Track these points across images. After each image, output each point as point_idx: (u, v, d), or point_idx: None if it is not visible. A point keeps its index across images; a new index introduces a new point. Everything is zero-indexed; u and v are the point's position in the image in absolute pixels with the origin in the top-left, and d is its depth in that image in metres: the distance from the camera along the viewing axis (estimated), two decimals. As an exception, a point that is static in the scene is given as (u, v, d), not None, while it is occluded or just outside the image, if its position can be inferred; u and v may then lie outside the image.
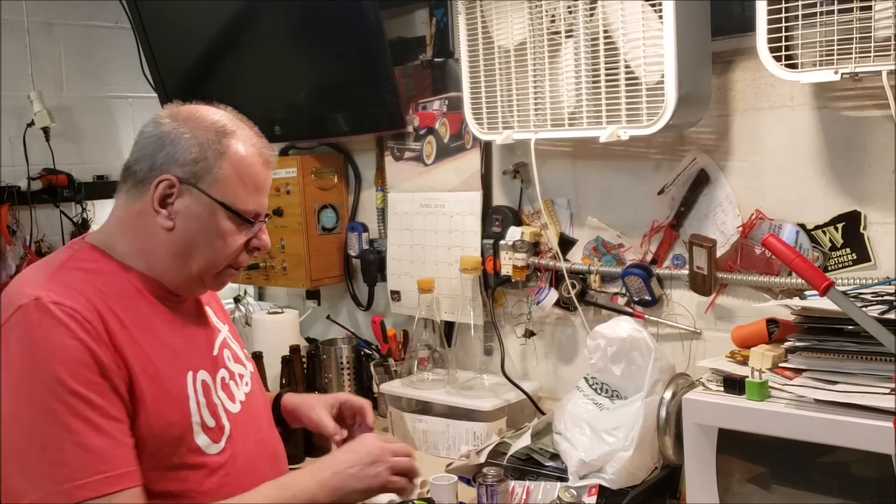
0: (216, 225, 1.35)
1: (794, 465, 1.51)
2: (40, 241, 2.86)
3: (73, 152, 2.96)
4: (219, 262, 1.39)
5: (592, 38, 1.81)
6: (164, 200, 1.34)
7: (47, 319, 1.20)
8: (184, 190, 1.34)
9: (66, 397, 1.18)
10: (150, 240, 1.36)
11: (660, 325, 2.02)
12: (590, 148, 2.07)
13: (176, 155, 1.34)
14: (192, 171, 1.34)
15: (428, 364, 2.32)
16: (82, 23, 3.01)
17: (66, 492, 1.16)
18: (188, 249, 1.36)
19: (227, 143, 1.36)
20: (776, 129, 1.82)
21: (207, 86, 2.73)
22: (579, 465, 1.73)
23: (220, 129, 1.36)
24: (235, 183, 1.35)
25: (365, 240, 2.67)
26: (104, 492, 1.17)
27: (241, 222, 1.37)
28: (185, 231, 1.35)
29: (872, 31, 1.47)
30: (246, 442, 1.41)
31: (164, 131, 1.36)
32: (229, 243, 1.37)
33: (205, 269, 1.38)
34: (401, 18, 2.49)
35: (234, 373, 1.47)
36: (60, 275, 1.29)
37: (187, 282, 1.39)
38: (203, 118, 1.37)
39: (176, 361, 1.34)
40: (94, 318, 1.23)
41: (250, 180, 1.37)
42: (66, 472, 1.16)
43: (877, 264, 1.70)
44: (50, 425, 1.17)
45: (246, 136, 1.39)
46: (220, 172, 1.34)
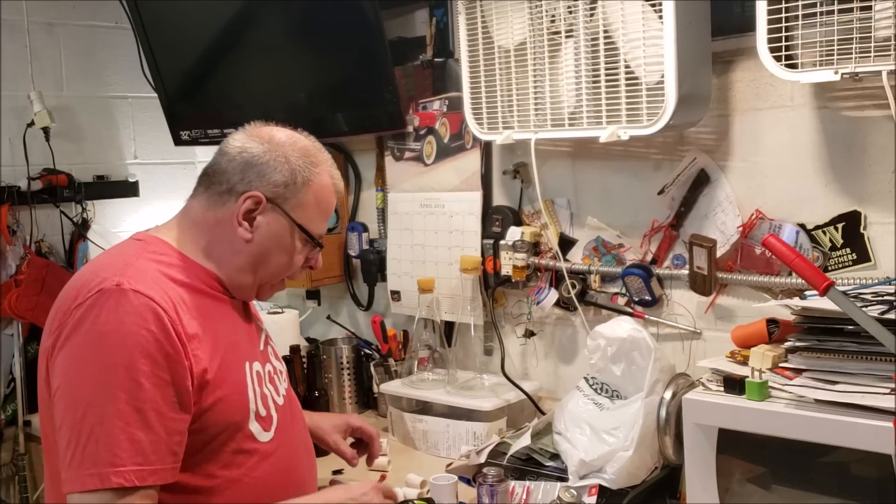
0: (290, 243, 1.47)
1: (794, 465, 1.51)
2: (40, 241, 2.86)
3: (73, 152, 2.96)
4: (280, 275, 1.51)
5: (592, 38, 1.81)
6: (248, 214, 1.43)
7: (126, 305, 1.26)
8: (268, 208, 1.43)
9: (128, 384, 1.23)
10: (224, 246, 1.45)
11: (660, 325, 2.02)
12: (590, 148, 2.07)
13: (267, 175, 1.43)
14: (279, 193, 1.43)
15: (428, 364, 2.32)
16: (82, 23, 3.01)
17: (103, 475, 1.22)
18: (259, 261, 1.46)
19: (314, 171, 1.46)
20: (776, 129, 1.82)
21: (208, 86, 2.73)
22: (579, 465, 1.73)
23: (309, 159, 1.47)
24: (314, 209, 1.47)
25: (365, 240, 2.67)
26: (134, 483, 1.23)
27: (310, 244, 1.49)
28: (260, 245, 1.44)
29: (872, 31, 1.47)
30: (290, 433, 1.49)
31: (257, 152, 1.44)
32: (296, 261, 1.49)
33: (267, 279, 1.50)
34: (401, 18, 2.49)
35: (277, 368, 1.56)
36: (139, 264, 1.35)
37: (245, 287, 1.48)
38: (295, 144, 1.47)
39: (236, 351, 1.42)
40: (170, 307, 1.30)
41: (325, 208, 1.50)
42: (108, 457, 1.22)
43: (877, 264, 1.70)
44: (107, 407, 1.23)
45: (328, 168, 1.50)
46: (304, 198, 1.45)
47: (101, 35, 3.04)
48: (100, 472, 1.22)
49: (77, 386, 1.25)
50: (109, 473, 1.21)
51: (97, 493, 1.22)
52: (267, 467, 1.41)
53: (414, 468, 2.02)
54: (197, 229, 1.45)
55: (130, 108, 3.14)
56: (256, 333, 1.55)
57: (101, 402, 1.23)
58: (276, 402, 1.48)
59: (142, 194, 3.11)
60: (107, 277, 1.29)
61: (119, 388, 1.23)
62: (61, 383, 1.27)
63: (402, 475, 1.98)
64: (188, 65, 2.74)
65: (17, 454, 2.81)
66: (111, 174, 3.07)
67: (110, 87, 3.08)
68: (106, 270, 1.31)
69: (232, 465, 1.36)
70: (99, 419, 1.22)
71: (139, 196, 3.11)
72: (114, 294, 1.27)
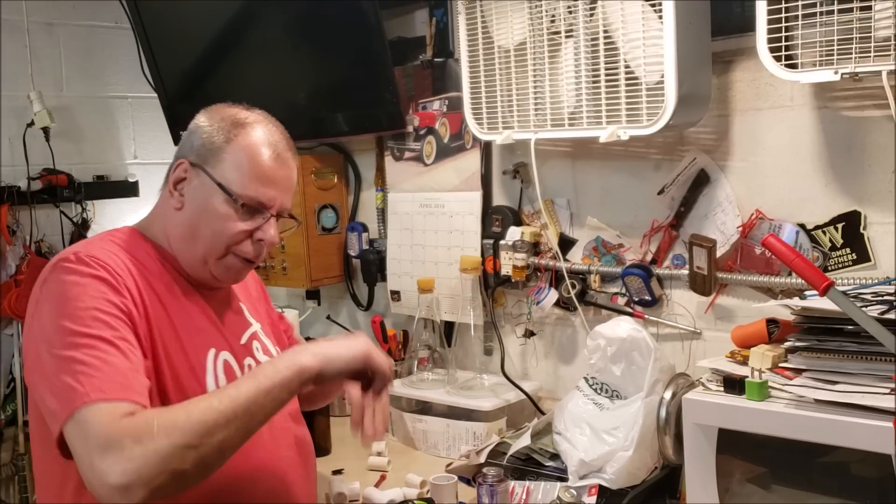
0: (215, 207, 1.41)
1: (794, 465, 1.51)
2: (40, 241, 2.86)
3: (73, 152, 2.96)
4: (218, 246, 1.42)
5: (592, 38, 1.81)
6: (178, 183, 1.43)
7: (82, 268, 1.30)
8: (193, 172, 1.42)
9: (98, 321, 1.25)
10: (168, 221, 1.45)
11: (660, 325, 2.02)
12: (590, 148, 2.07)
13: (193, 141, 1.44)
14: (201, 154, 1.42)
15: (428, 364, 2.32)
16: (82, 23, 3.00)
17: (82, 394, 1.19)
18: (192, 231, 1.43)
19: (237, 131, 1.42)
20: (776, 129, 1.82)
21: (207, 86, 2.73)
22: (579, 465, 1.73)
23: (236, 121, 1.44)
24: (237, 168, 1.40)
25: (365, 240, 2.67)
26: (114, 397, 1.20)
27: (238, 207, 1.41)
28: (190, 212, 1.42)
29: (872, 31, 1.47)
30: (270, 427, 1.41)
31: (192, 124, 1.47)
32: (227, 227, 1.41)
33: (206, 252, 1.43)
34: (401, 18, 2.49)
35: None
36: (99, 242, 1.40)
37: (195, 265, 1.45)
38: (225, 110, 1.46)
39: (199, 336, 1.41)
40: (125, 274, 1.33)
41: (254, 168, 1.41)
42: (82, 380, 1.20)
43: (877, 264, 1.70)
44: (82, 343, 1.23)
45: (262, 129, 1.44)
46: (225, 156, 1.41)
47: (101, 35, 3.04)
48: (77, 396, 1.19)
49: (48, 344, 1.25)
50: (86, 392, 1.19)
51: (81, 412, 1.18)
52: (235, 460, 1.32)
53: (414, 468, 2.02)
54: (155, 212, 1.50)
55: (130, 108, 3.14)
56: (238, 326, 1.52)
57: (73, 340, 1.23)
58: None
59: (142, 194, 3.11)
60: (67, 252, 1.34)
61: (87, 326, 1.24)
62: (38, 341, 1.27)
63: (402, 475, 1.98)
64: (188, 65, 2.74)
65: (17, 454, 2.81)
66: (111, 174, 3.07)
67: (110, 87, 3.08)
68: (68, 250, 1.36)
69: None
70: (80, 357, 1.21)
71: (139, 196, 3.11)
72: (72, 261, 1.31)
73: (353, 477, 1.97)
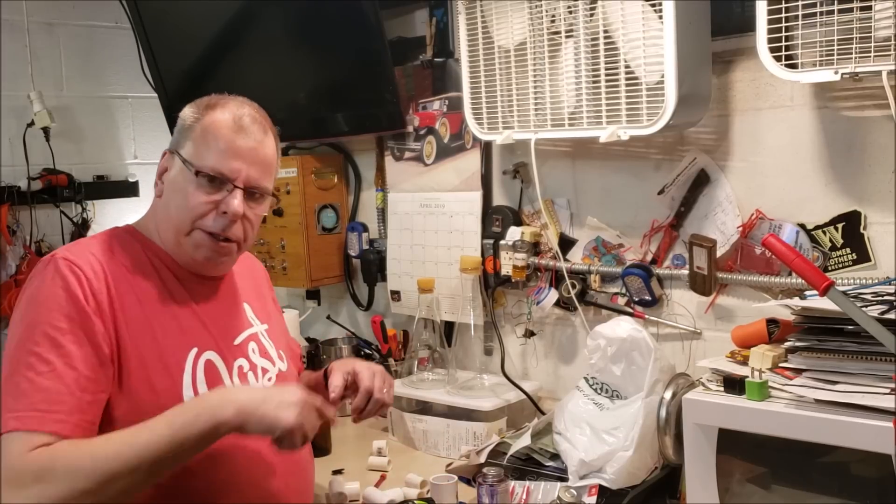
0: (179, 183, 1.43)
1: (794, 465, 1.51)
2: (40, 241, 2.86)
3: (73, 152, 2.96)
4: (184, 221, 1.42)
5: (592, 38, 1.81)
6: (163, 174, 1.47)
7: (53, 271, 1.34)
8: (170, 158, 1.46)
9: (40, 337, 1.29)
10: (155, 213, 1.49)
11: (660, 325, 2.02)
12: (590, 148, 2.07)
13: (174, 134, 1.48)
14: (176, 140, 1.47)
15: (428, 364, 2.32)
16: (82, 23, 3.00)
17: (5, 420, 1.24)
18: (166, 211, 1.45)
19: (207, 111, 1.45)
20: (776, 129, 1.82)
21: (207, 86, 2.70)
22: (579, 465, 1.73)
23: (208, 104, 1.46)
24: (200, 143, 1.42)
25: (365, 240, 2.67)
26: (31, 427, 1.23)
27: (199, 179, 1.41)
28: (166, 195, 1.46)
29: (872, 31, 1.47)
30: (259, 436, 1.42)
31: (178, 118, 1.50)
32: (189, 200, 1.41)
33: (177, 229, 1.43)
34: (401, 18, 2.49)
35: (257, 366, 1.52)
36: (86, 242, 1.42)
37: (175, 249, 1.46)
38: (204, 99, 1.48)
39: (181, 336, 1.41)
40: (95, 277, 1.34)
41: (214, 140, 1.41)
42: (11, 402, 1.26)
43: (877, 264, 1.70)
44: (22, 359, 1.28)
45: (230, 107, 1.44)
46: (192, 135, 1.44)
47: (101, 35, 3.04)
48: (3, 416, 1.24)
49: (7, 344, 1.32)
50: (9, 419, 1.24)
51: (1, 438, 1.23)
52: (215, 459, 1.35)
53: (414, 468, 2.02)
54: (149, 210, 1.52)
55: (130, 108, 3.14)
56: (233, 326, 1.52)
57: (18, 355, 1.28)
58: None
59: (142, 194, 3.11)
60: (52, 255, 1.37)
61: (35, 343, 1.28)
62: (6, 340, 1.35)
63: (402, 475, 1.98)
64: (188, 65, 2.74)
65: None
66: (111, 174, 3.07)
67: (110, 87, 3.08)
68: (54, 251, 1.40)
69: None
70: (14, 370, 1.27)
71: (139, 196, 3.11)
72: (48, 264, 1.35)
73: (353, 477, 1.97)
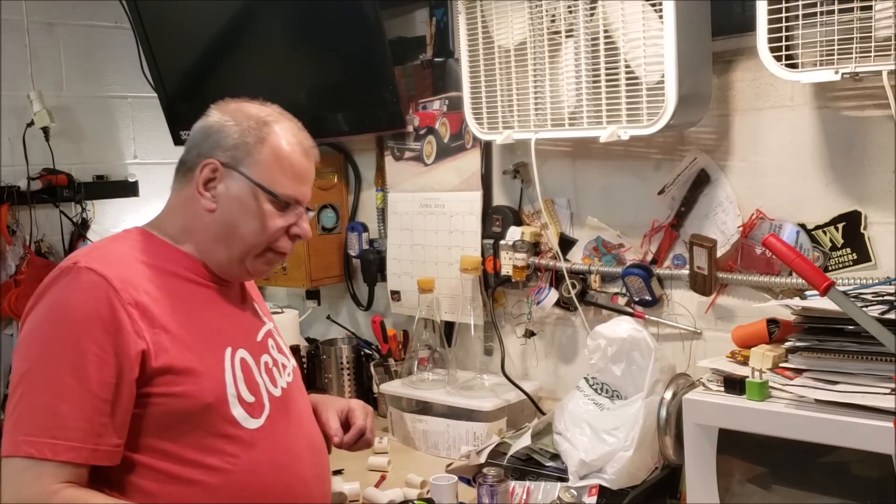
0: (255, 207, 1.42)
1: (794, 466, 1.51)
2: (40, 241, 2.85)
3: (73, 152, 2.96)
4: (258, 244, 1.45)
5: (592, 38, 1.81)
6: (207, 184, 1.42)
7: (77, 282, 1.28)
8: (225, 173, 1.42)
9: (65, 358, 1.24)
10: (196, 222, 1.44)
11: (660, 325, 2.02)
12: (590, 148, 2.07)
13: (220, 141, 1.42)
14: (233, 156, 1.42)
15: (428, 364, 2.32)
16: (82, 23, 3.00)
17: (17, 442, 1.22)
18: (229, 231, 1.43)
19: (267, 130, 1.44)
20: (776, 129, 1.82)
21: (207, 86, 2.73)
22: (579, 466, 1.73)
23: (261, 119, 1.46)
24: (273, 167, 1.43)
25: (365, 240, 2.67)
26: (45, 455, 1.21)
27: (279, 205, 1.44)
28: (226, 213, 1.42)
29: (872, 31, 1.47)
30: (286, 426, 1.46)
31: (211, 122, 1.45)
32: (268, 226, 1.43)
33: (245, 251, 1.44)
34: (401, 18, 2.49)
35: (278, 361, 1.53)
36: (106, 247, 1.39)
37: (231, 264, 1.46)
38: (247, 109, 1.47)
39: (213, 337, 1.41)
40: (124, 287, 1.30)
41: (289, 166, 1.44)
42: (25, 425, 1.23)
43: (877, 264, 1.70)
44: (39, 377, 1.24)
45: (287, 126, 1.48)
46: (260, 157, 1.42)
47: (101, 35, 3.04)
48: (16, 439, 1.22)
49: (21, 356, 1.28)
50: (22, 442, 1.21)
51: (12, 461, 1.22)
52: (255, 455, 1.38)
53: (414, 468, 2.02)
54: (173, 212, 1.47)
55: (130, 108, 3.13)
56: (253, 324, 1.53)
57: (34, 372, 1.25)
58: (271, 392, 1.45)
59: (142, 194, 3.11)
60: (73, 259, 1.32)
61: (54, 361, 1.24)
62: (14, 354, 1.31)
63: (402, 475, 1.98)
64: (188, 65, 2.74)
65: (17, 454, 2.81)
66: (111, 174, 3.06)
67: (110, 87, 3.08)
68: (75, 256, 1.34)
69: (213, 451, 1.33)
70: (28, 388, 1.24)
71: (139, 196, 3.10)
72: (71, 272, 1.29)
73: (353, 477, 1.97)
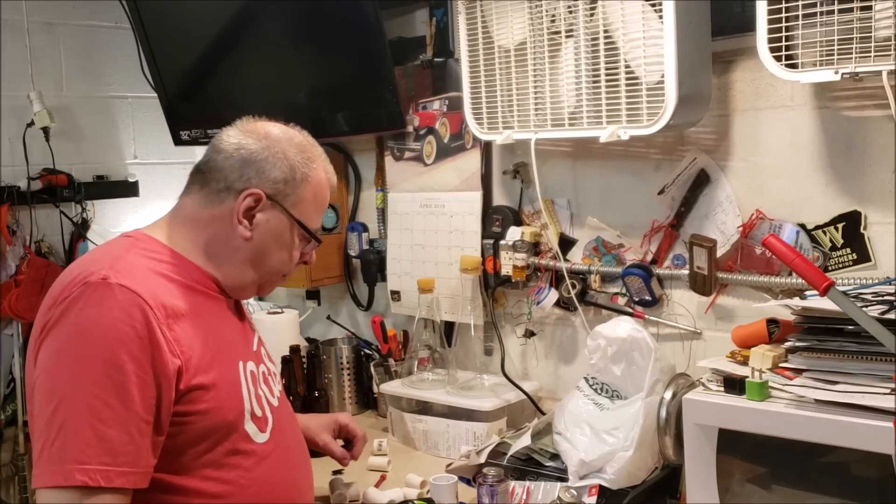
0: (289, 240, 1.47)
1: (794, 466, 1.51)
2: (40, 241, 2.86)
3: (73, 152, 2.96)
4: (280, 271, 1.51)
5: (592, 38, 1.81)
6: (248, 212, 1.42)
7: (110, 299, 1.24)
8: (268, 205, 1.43)
9: (104, 380, 1.21)
10: (222, 244, 1.43)
11: (660, 325, 2.02)
12: (590, 148, 2.07)
13: (266, 172, 1.42)
14: (280, 190, 1.43)
15: (428, 364, 2.32)
16: (82, 23, 3.00)
17: (68, 472, 1.18)
18: (260, 258, 1.46)
19: (311, 167, 1.48)
20: (776, 129, 1.82)
21: (207, 86, 2.73)
22: (579, 466, 1.73)
23: (306, 155, 1.47)
24: (311, 205, 1.48)
25: (365, 240, 2.67)
26: (100, 483, 1.19)
27: (307, 239, 1.50)
28: (260, 242, 1.44)
29: (872, 31, 1.47)
30: (285, 434, 1.48)
31: (254, 148, 1.43)
32: (294, 256, 1.50)
33: (268, 276, 1.50)
34: (401, 18, 2.49)
35: (270, 370, 1.55)
36: (128, 258, 1.33)
37: (244, 285, 1.48)
38: (292, 140, 1.47)
39: (229, 350, 1.41)
40: (156, 304, 1.27)
41: (321, 202, 1.51)
42: (74, 453, 1.19)
43: (877, 264, 1.70)
44: (79, 402, 1.20)
45: (322, 164, 1.52)
46: (303, 194, 1.46)
47: (101, 35, 3.04)
48: (65, 468, 1.18)
49: (54, 378, 1.23)
50: (74, 471, 1.18)
51: (61, 491, 1.18)
52: (265, 469, 1.39)
53: (414, 468, 2.02)
54: (191, 227, 1.43)
55: (130, 108, 3.14)
56: (250, 333, 1.55)
57: (74, 396, 1.20)
58: (271, 403, 1.46)
59: (142, 194, 3.11)
60: (94, 271, 1.26)
61: (95, 384, 1.20)
62: (40, 375, 1.25)
63: (402, 475, 1.98)
64: (188, 65, 2.73)
65: (17, 454, 2.81)
66: (111, 174, 3.07)
67: (110, 87, 3.08)
68: (94, 265, 1.29)
69: (229, 467, 1.34)
70: (70, 413, 1.20)
71: (139, 196, 3.11)
72: (99, 288, 1.24)
73: (353, 477, 1.97)
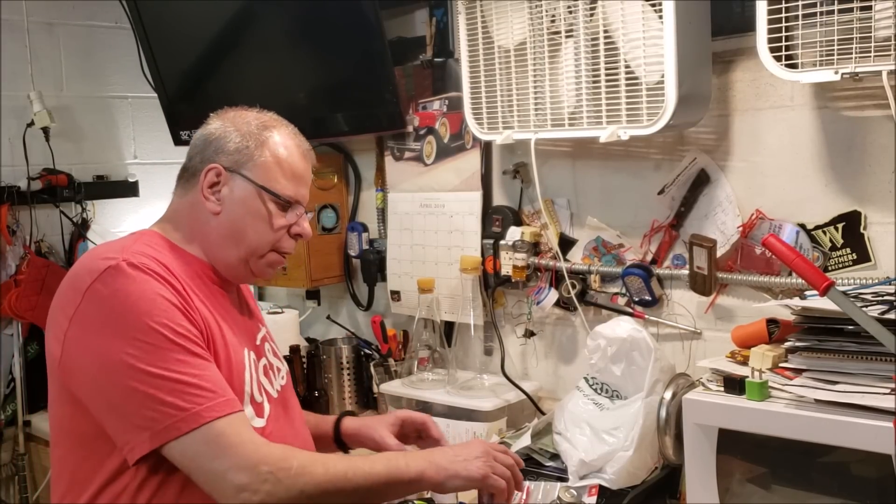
0: (259, 208, 1.46)
1: (794, 466, 1.51)
2: (40, 241, 2.86)
3: (73, 152, 2.97)
4: (263, 245, 1.49)
5: (592, 38, 1.81)
6: (212, 187, 1.46)
7: (140, 275, 1.30)
8: (229, 177, 1.46)
9: (175, 336, 1.28)
10: (201, 226, 1.47)
11: (660, 325, 2.02)
12: (590, 148, 2.07)
13: (222, 146, 1.47)
14: (235, 160, 1.46)
15: (428, 364, 2.32)
16: (82, 23, 3.01)
17: (195, 415, 1.24)
18: (235, 233, 1.46)
19: (267, 134, 1.48)
20: (776, 129, 1.82)
21: (207, 86, 2.73)
22: (579, 466, 1.73)
23: (261, 123, 1.50)
24: (275, 169, 1.47)
25: (365, 240, 2.67)
26: (227, 411, 1.26)
27: (281, 205, 1.48)
28: (230, 214, 1.46)
29: (872, 31, 1.47)
30: (282, 427, 1.48)
31: (211, 129, 1.49)
32: (272, 226, 1.48)
33: (251, 251, 1.48)
34: (401, 18, 2.49)
35: (273, 365, 1.56)
36: (136, 247, 1.38)
37: (236, 266, 1.49)
38: (246, 115, 1.52)
39: (235, 337, 1.44)
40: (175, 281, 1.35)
41: (288, 168, 1.49)
42: (189, 399, 1.25)
43: (877, 264, 1.70)
44: (162, 363, 1.25)
45: (285, 131, 1.52)
46: (261, 160, 1.46)
47: (101, 35, 3.05)
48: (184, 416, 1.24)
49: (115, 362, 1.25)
50: (200, 411, 1.24)
51: (199, 431, 1.24)
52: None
53: (414, 468, 2.02)
54: (176, 218, 1.50)
55: (130, 108, 3.14)
56: (253, 327, 1.56)
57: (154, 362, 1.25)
58: (270, 393, 1.48)
59: (142, 194, 3.11)
60: (110, 258, 1.32)
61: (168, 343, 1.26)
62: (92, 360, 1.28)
63: (402, 475, 1.97)
64: (188, 65, 2.74)
65: (17, 454, 2.81)
66: (111, 174, 3.07)
67: (110, 87, 3.09)
68: (107, 253, 1.34)
69: None
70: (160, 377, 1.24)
71: (139, 196, 3.11)
72: (123, 269, 1.30)
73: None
